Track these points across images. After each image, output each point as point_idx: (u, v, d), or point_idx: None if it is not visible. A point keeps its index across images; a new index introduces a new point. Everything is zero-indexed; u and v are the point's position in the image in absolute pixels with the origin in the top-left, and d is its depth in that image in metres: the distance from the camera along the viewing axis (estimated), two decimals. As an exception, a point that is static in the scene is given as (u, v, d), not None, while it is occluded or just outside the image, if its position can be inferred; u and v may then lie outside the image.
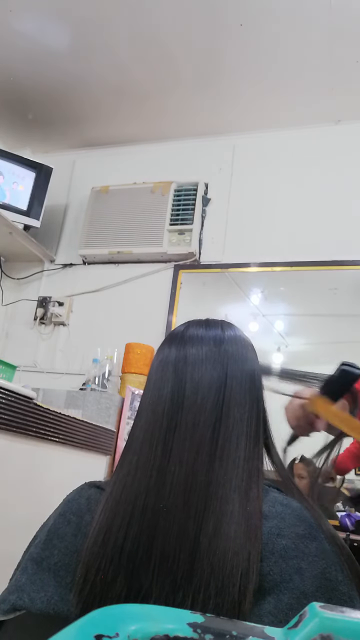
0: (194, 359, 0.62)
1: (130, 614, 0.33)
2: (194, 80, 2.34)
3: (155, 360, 0.66)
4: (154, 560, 0.51)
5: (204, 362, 0.62)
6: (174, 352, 0.64)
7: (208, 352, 0.63)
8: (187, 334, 0.66)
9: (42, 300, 2.66)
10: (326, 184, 2.40)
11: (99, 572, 0.51)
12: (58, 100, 2.56)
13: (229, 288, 2.45)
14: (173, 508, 0.54)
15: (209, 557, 0.50)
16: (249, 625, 0.32)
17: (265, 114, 2.50)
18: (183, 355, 0.63)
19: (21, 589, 0.53)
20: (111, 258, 2.60)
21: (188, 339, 0.65)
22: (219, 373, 0.61)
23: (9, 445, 1.24)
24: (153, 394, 0.63)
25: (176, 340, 0.66)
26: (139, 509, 0.54)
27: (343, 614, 0.30)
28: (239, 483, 0.55)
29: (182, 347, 0.64)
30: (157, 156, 2.75)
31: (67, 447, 1.48)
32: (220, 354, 0.63)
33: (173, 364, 0.63)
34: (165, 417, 0.59)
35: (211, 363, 0.62)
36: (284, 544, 0.52)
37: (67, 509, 0.60)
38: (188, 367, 0.62)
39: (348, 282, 2.27)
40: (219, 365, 0.62)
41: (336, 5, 1.89)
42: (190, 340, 0.65)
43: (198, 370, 0.61)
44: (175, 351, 0.64)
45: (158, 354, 0.67)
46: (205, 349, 0.63)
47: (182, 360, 0.63)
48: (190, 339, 0.65)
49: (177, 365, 0.62)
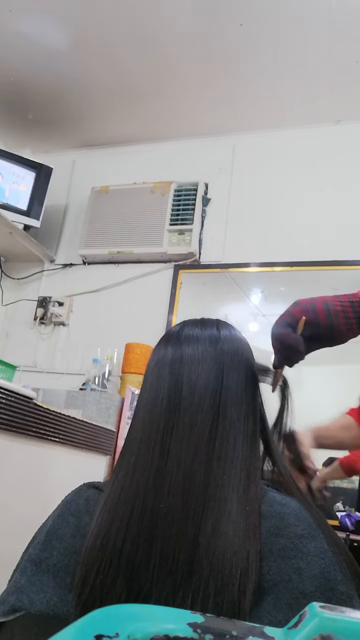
0: (190, 359, 0.62)
1: (130, 614, 0.33)
2: (193, 80, 2.34)
3: (151, 360, 0.66)
4: (153, 561, 0.51)
5: (200, 361, 0.62)
6: (170, 352, 0.64)
7: (204, 351, 0.63)
8: (182, 334, 0.66)
9: (42, 300, 2.66)
10: (326, 183, 2.40)
11: (98, 575, 0.51)
12: (58, 100, 2.56)
13: (229, 288, 2.45)
14: (171, 509, 0.53)
15: (208, 557, 0.50)
16: (249, 625, 0.32)
17: (265, 114, 2.50)
18: (179, 355, 0.63)
19: (20, 590, 0.53)
20: (111, 258, 2.60)
21: (184, 339, 0.65)
22: (215, 373, 0.61)
23: (9, 445, 1.24)
24: (150, 394, 0.62)
25: (172, 340, 0.66)
26: (137, 510, 0.54)
27: (343, 614, 0.30)
28: (237, 483, 0.55)
29: (178, 347, 0.64)
30: (157, 156, 2.75)
31: (67, 447, 1.48)
32: (216, 353, 0.63)
33: (169, 364, 0.63)
34: (162, 418, 0.59)
35: (207, 362, 0.62)
36: (283, 544, 0.52)
37: (65, 510, 0.60)
38: (184, 367, 0.62)
39: (348, 282, 2.26)
40: (215, 365, 0.62)
41: (336, 5, 1.89)
42: (186, 340, 0.65)
43: (194, 370, 0.61)
44: (172, 351, 0.64)
45: (154, 354, 0.67)
46: (201, 348, 0.63)
47: (178, 360, 0.63)
48: (186, 339, 0.65)
49: (173, 366, 0.62)
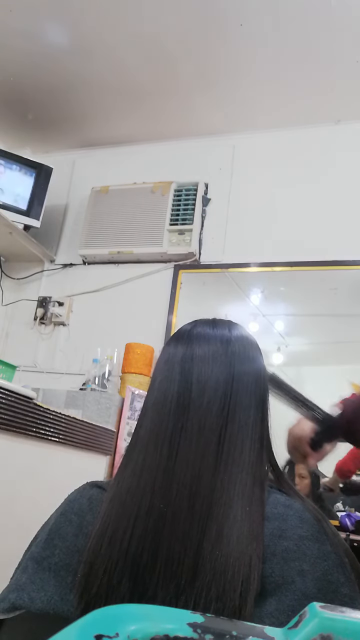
0: (200, 358, 0.61)
1: (130, 614, 0.33)
2: (194, 80, 2.34)
3: (160, 358, 0.65)
4: (159, 564, 0.51)
5: (211, 362, 0.61)
6: (180, 350, 0.63)
7: (215, 352, 0.62)
8: (194, 333, 0.65)
9: (42, 300, 2.65)
10: (326, 183, 2.40)
11: (105, 575, 0.51)
12: (58, 100, 2.56)
13: (229, 288, 2.45)
14: (178, 511, 0.53)
15: (211, 561, 0.50)
16: (249, 625, 0.32)
17: (265, 114, 2.50)
18: (190, 354, 0.62)
19: (21, 588, 0.53)
20: (111, 258, 2.60)
21: (195, 338, 0.64)
22: (226, 375, 0.61)
23: (9, 445, 1.24)
24: (159, 393, 0.62)
25: (183, 338, 0.65)
26: (144, 510, 0.54)
27: (343, 614, 0.30)
28: (243, 488, 0.55)
29: (189, 345, 0.63)
30: (157, 156, 2.75)
31: (67, 447, 1.48)
32: (227, 355, 0.62)
33: (179, 363, 0.62)
34: (171, 418, 0.59)
35: (218, 363, 0.61)
36: (286, 546, 0.51)
37: (68, 509, 0.59)
38: (195, 366, 0.61)
39: (348, 282, 2.27)
40: (226, 366, 0.61)
41: (336, 5, 1.89)
42: (197, 339, 0.64)
43: (205, 371, 0.60)
44: (182, 350, 0.63)
45: (164, 352, 0.66)
46: (213, 348, 0.62)
47: (188, 359, 0.62)
48: (197, 338, 0.64)
49: (183, 365, 0.62)
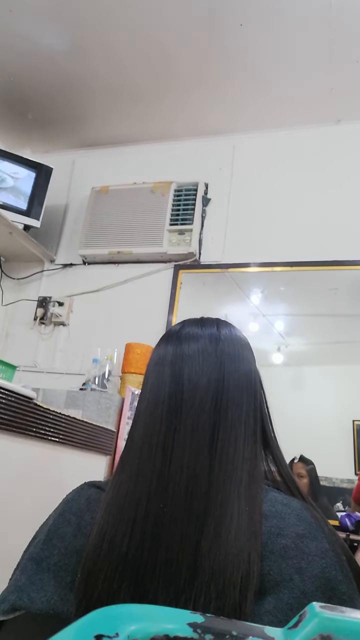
0: (190, 358, 0.62)
1: (130, 614, 0.32)
2: (193, 80, 2.34)
3: (151, 360, 0.66)
4: (159, 566, 0.51)
5: (201, 361, 0.61)
6: (170, 351, 0.64)
7: (204, 350, 0.62)
8: (182, 333, 0.66)
9: (42, 300, 2.66)
10: (326, 183, 2.40)
11: (105, 581, 0.51)
12: (58, 100, 2.56)
13: (229, 288, 2.45)
14: (175, 513, 0.53)
15: (209, 560, 0.50)
16: (249, 625, 0.32)
17: (265, 114, 2.50)
18: (180, 354, 0.63)
19: (21, 589, 0.53)
20: (111, 258, 2.60)
21: (184, 338, 0.65)
22: (216, 374, 0.61)
23: (9, 445, 1.24)
24: (151, 396, 0.62)
25: (172, 339, 0.66)
26: (141, 514, 0.54)
27: (343, 614, 0.30)
28: (239, 485, 0.55)
29: (179, 345, 0.64)
30: (157, 156, 2.75)
31: (67, 447, 1.48)
32: (216, 354, 0.62)
33: (170, 364, 0.62)
34: (164, 421, 0.59)
35: (207, 362, 0.61)
36: (284, 544, 0.51)
37: (66, 509, 0.59)
38: (185, 366, 0.61)
39: (348, 282, 2.27)
40: (216, 365, 0.61)
41: (336, 5, 1.89)
42: (186, 339, 0.64)
43: (195, 370, 0.61)
44: (172, 350, 0.64)
45: (154, 354, 0.66)
46: (202, 347, 0.63)
47: (178, 360, 0.62)
48: (186, 338, 0.64)
49: (174, 366, 0.62)
